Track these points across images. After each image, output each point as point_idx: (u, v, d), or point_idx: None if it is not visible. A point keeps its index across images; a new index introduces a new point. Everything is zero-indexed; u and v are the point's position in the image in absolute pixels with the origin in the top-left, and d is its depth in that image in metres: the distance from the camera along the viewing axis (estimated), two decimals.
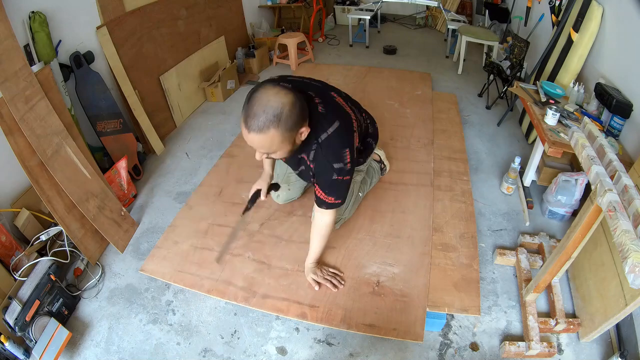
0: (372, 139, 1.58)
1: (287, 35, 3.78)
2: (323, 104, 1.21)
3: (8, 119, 1.55)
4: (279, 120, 1.03)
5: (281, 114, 1.03)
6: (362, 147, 1.53)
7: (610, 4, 1.93)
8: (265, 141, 1.07)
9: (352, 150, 1.21)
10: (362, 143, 1.51)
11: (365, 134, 1.51)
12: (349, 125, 1.21)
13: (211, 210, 1.99)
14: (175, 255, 1.75)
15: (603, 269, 1.41)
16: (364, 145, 1.54)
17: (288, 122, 1.05)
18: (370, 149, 1.60)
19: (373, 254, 1.71)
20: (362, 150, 1.54)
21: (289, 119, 1.04)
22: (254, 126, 1.03)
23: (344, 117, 1.22)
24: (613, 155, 1.10)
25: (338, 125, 1.18)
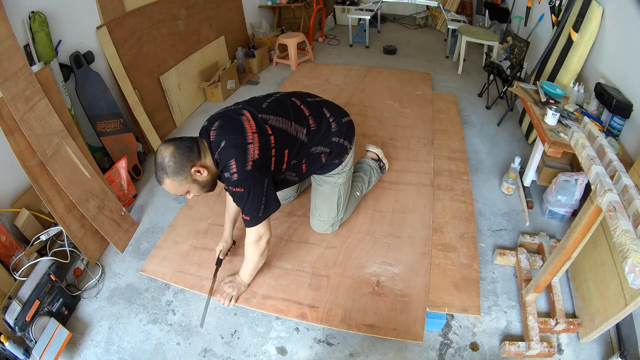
0: (338, 137, 1.55)
1: (287, 35, 3.78)
2: (216, 129, 1.32)
3: (8, 119, 1.55)
4: (165, 171, 1.23)
5: (165, 165, 1.23)
6: (328, 149, 1.54)
7: (610, 4, 1.93)
8: (169, 188, 1.27)
9: (239, 162, 1.25)
10: (326, 145, 1.52)
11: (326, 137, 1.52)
12: (237, 140, 1.28)
13: (211, 210, 1.99)
14: (176, 255, 1.75)
15: (603, 269, 1.41)
16: (330, 147, 1.54)
17: (172, 168, 1.23)
18: (340, 147, 1.56)
19: (373, 254, 1.71)
20: (329, 152, 1.55)
21: (171, 166, 1.23)
22: (158, 180, 1.27)
23: (233, 132, 1.30)
24: (613, 155, 1.10)
25: (224, 143, 1.28)
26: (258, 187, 1.30)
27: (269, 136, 1.34)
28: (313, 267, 1.66)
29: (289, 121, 1.41)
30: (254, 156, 1.28)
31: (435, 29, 5.04)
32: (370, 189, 2.03)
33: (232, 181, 1.27)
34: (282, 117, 1.40)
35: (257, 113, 1.37)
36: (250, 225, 1.36)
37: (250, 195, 1.29)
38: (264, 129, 1.33)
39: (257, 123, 1.33)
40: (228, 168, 1.27)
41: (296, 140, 1.43)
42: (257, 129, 1.31)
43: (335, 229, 1.81)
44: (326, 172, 1.63)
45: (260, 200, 1.31)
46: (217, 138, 1.30)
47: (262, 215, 1.35)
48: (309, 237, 1.80)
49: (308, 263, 1.68)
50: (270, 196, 1.35)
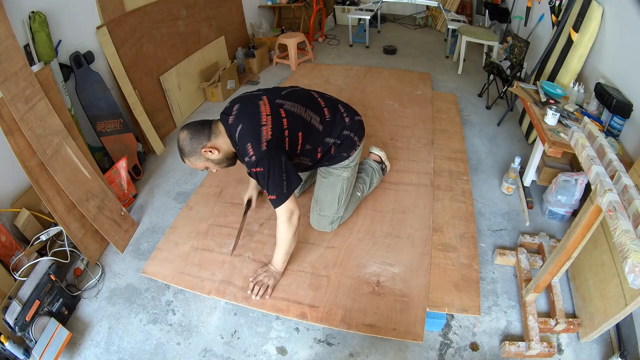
0: (349, 131, 1.62)
1: (287, 35, 3.78)
2: (235, 113, 1.44)
3: (8, 119, 1.55)
4: (182, 152, 1.43)
5: (180, 147, 1.42)
6: (339, 141, 1.61)
7: (610, 4, 1.93)
8: (190, 165, 1.46)
9: (255, 144, 1.36)
10: (336, 137, 1.60)
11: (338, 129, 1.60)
12: (252, 123, 1.39)
13: (211, 211, 1.99)
14: (176, 256, 1.75)
15: (603, 269, 1.41)
16: (341, 139, 1.61)
17: (186, 149, 1.41)
18: (350, 140, 1.63)
19: (373, 254, 1.71)
20: (339, 144, 1.61)
21: (185, 148, 1.41)
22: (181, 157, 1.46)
23: (249, 115, 1.41)
24: (613, 155, 1.10)
25: (241, 127, 1.40)
26: (276, 163, 1.37)
27: (282, 118, 1.43)
28: (313, 267, 1.66)
29: (304, 107, 1.51)
30: (267, 137, 1.36)
31: (435, 29, 5.04)
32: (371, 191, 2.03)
33: (251, 163, 1.37)
34: (297, 103, 1.50)
35: (274, 99, 1.48)
36: (278, 204, 1.42)
37: (270, 172, 1.36)
38: (277, 111, 1.43)
39: (272, 107, 1.44)
40: (246, 152, 1.37)
41: (310, 125, 1.52)
42: (271, 111, 1.41)
43: (335, 227, 1.81)
44: (333, 164, 1.68)
45: (281, 176, 1.38)
46: (234, 121, 1.42)
47: (287, 191, 1.40)
48: (309, 237, 1.80)
49: (308, 263, 1.68)
50: (290, 171, 1.41)
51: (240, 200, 2.03)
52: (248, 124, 1.39)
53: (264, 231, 1.85)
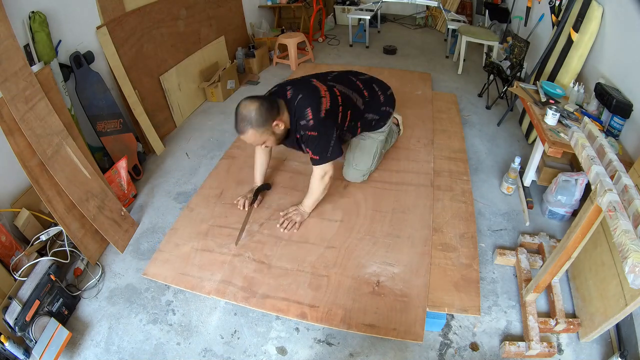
0: (386, 106, 1.92)
1: (287, 35, 3.78)
2: (292, 90, 1.58)
3: (8, 119, 1.55)
4: (251, 123, 1.46)
5: (251, 118, 1.45)
6: (378, 116, 1.88)
7: (610, 4, 1.93)
8: (249, 138, 1.51)
9: (315, 110, 1.51)
10: (376, 113, 1.87)
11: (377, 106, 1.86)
12: (312, 94, 1.54)
13: (212, 212, 1.99)
14: (177, 257, 1.75)
15: (603, 269, 1.41)
16: (380, 114, 1.88)
17: (258, 121, 1.46)
18: (387, 114, 1.93)
19: (373, 254, 1.71)
20: (378, 119, 1.90)
21: (258, 119, 1.46)
22: (239, 131, 1.50)
23: (308, 89, 1.56)
24: (613, 155, 1.10)
25: (301, 96, 1.54)
26: (329, 131, 1.56)
27: (337, 96, 1.60)
28: (313, 267, 1.66)
29: (351, 90, 1.72)
30: (327, 106, 1.53)
31: (435, 29, 5.04)
32: (371, 188, 2.06)
33: (308, 126, 1.52)
34: (344, 86, 1.70)
35: (325, 81, 1.65)
36: (318, 163, 1.61)
37: (322, 137, 1.54)
38: (333, 90, 1.61)
39: (327, 86, 1.61)
40: (304, 116, 1.51)
41: (356, 106, 1.74)
42: (327, 89, 1.59)
43: (365, 178, 2.07)
44: (373, 130, 1.97)
45: (329, 142, 1.57)
46: (294, 94, 1.56)
47: (330, 156, 1.60)
48: (309, 237, 1.80)
49: (308, 263, 1.68)
50: (337, 143, 1.60)
51: None
52: (308, 94, 1.54)
53: (264, 231, 1.85)
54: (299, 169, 2.24)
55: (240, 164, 2.33)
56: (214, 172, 2.30)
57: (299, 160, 2.31)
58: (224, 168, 2.31)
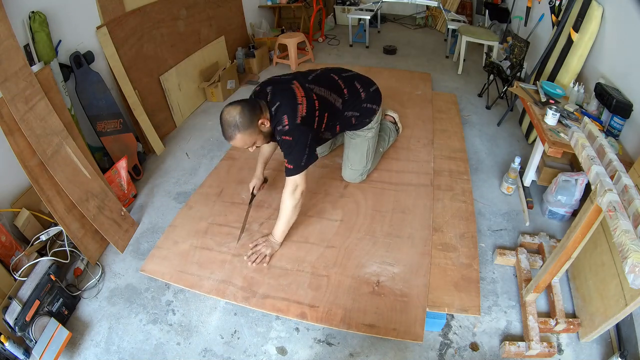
0: (367, 103, 1.88)
1: (287, 35, 3.78)
2: (271, 93, 1.59)
3: (8, 119, 1.55)
4: (237, 127, 1.46)
5: (237, 122, 1.46)
6: (358, 113, 1.86)
7: (610, 4, 1.93)
8: (239, 142, 1.51)
9: (290, 116, 1.53)
10: (356, 110, 1.85)
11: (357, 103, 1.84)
12: (290, 101, 1.56)
13: (211, 210, 1.99)
14: (176, 255, 1.75)
15: (603, 269, 1.41)
16: (360, 111, 1.86)
17: (244, 123, 1.47)
18: (369, 111, 1.90)
19: (373, 254, 1.71)
20: (358, 115, 1.87)
21: (243, 122, 1.46)
22: (227, 137, 1.50)
23: (286, 96, 1.57)
24: (613, 155, 1.10)
25: (278, 104, 1.56)
26: (303, 138, 1.56)
27: (314, 101, 1.61)
28: (313, 267, 1.66)
29: (329, 91, 1.72)
30: (302, 113, 1.55)
31: (435, 29, 5.04)
32: (371, 188, 2.06)
33: (283, 131, 1.54)
34: (324, 88, 1.70)
35: (304, 83, 1.65)
36: (291, 173, 1.58)
37: (296, 143, 1.54)
38: (310, 95, 1.61)
39: (305, 90, 1.61)
40: (281, 122, 1.54)
41: (334, 107, 1.73)
42: (305, 94, 1.59)
43: (364, 178, 2.08)
44: (358, 128, 1.95)
45: (304, 150, 1.56)
46: (273, 99, 1.58)
47: (304, 165, 1.58)
48: (309, 237, 1.80)
49: (308, 263, 1.68)
50: (312, 150, 1.60)
51: (241, 200, 2.03)
52: (286, 101, 1.56)
53: (264, 231, 1.85)
54: None
55: (240, 165, 2.33)
56: (214, 171, 2.30)
57: None
58: (224, 168, 2.31)
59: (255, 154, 2.00)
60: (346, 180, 2.10)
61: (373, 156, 2.09)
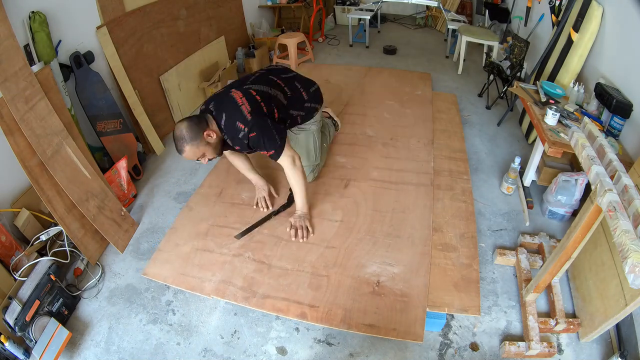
0: (311, 102, 1.95)
1: (287, 35, 3.77)
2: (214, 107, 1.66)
3: (8, 119, 1.55)
4: (185, 139, 1.54)
5: (184, 135, 1.54)
6: (303, 113, 1.92)
7: (610, 4, 1.93)
8: (188, 153, 1.57)
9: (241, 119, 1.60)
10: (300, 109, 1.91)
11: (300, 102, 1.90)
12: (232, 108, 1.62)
13: (211, 211, 1.99)
14: (177, 257, 1.75)
15: (603, 269, 1.41)
16: (304, 110, 1.93)
17: (190, 136, 1.54)
18: (312, 110, 1.97)
19: (373, 254, 1.71)
20: (304, 115, 1.93)
21: (189, 134, 1.54)
22: (178, 151, 1.58)
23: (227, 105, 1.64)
24: (613, 155, 1.10)
25: (225, 116, 1.63)
26: (263, 124, 1.62)
27: (254, 96, 1.66)
28: (313, 267, 1.66)
29: (269, 87, 1.77)
30: (248, 109, 1.61)
31: (435, 29, 5.04)
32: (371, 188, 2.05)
33: (245, 134, 1.61)
34: (262, 85, 1.76)
35: (242, 86, 1.72)
36: (277, 156, 1.67)
37: (262, 132, 1.61)
38: (249, 92, 1.67)
39: (243, 92, 1.67)
40: (237, 130, 1.61)
41: (278, 99, 1.77)
42: (243, 94, 1.65)
43: (316, 175, 2.09)
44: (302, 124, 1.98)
45: (271, 132, 1.63)
46: (217, 113, 1.64)
47: (281, 142, 1.65)
48: (309, 237, 1.80)
49: (308, 263, 1.68)
50: (277, 126, 1.66)
51: (241, 200, 2.03)
52: (229, 110, 1.62)
53: (264, 231, 1.85)
54: None
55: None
56: (214, 171, 2.30)
57: None
58: (223, 168, 2.31)
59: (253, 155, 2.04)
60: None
61: (320, 150, 2.09)
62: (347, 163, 2.28)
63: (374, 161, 2.29)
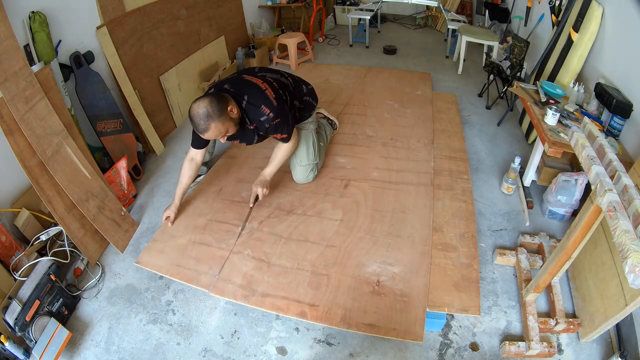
0: (309, 97, 2.05)
1: (287, 35, 3.78)
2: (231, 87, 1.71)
3: (8, 119, 1.55)
4: (210, 116, 1.53)
5: (209, 112, 1.53)
6: (302, 106, 2.00)
7: (610, 4, 1.93)
8: (214, 131, 1.57)
9: (268, 104, 1.67)
10: (300, 102, 1.99)
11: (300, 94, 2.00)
12: (255, 92, 1.69)
13: (210, 207, 1.99)
14: (173, 249, 1.75)
15: (603, 269, 1.41)
16: (304, 104, 2.01)
17: (216, 112, 1.54)
18: (310, 106, 2.05)
19: (373, 253, 1.71)
20: (302, 108, 2.01)
21: (215, 111, 1.54)
22: (202, 130, 1.57)
23: (248, 88, 1.70)
24: (613, 155, 1.10)
25: (247, 97, 1.68)
26: (286, 113, 1.77)
27: (273, 82, 1.77)
28: (313, 265, 1.66)
29: (280, 75, 1.91)
30: (273, 95, 1.70)
31: (435, 29, 5.04)
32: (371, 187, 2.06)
33: (269, 119, 1.68)
34: (274, 74, 1.89)
35: (255, 74, 1.81)
36: (288, 139, 1.84)
37: (284, 119, 1.74)
38: (267, 79, 1.77)
39: (261, 78, 1.76)
40: (261, 113, 1.67)
41: (288, 87, 1.89)
42: (262, 80, 1.74)
43: (315, 174, 2.13)
44: (301, 121, 2.06)
45: (289, 119, 1.80)
46: (237, 93, 1.68)
47: (292, 128, 1.84)
48: (309, 236, 1.80)
49: (308, 262, 1.68)
50: (291, 115, 1.83)
51: (240, 198, 2.03)
52: (252, 92, 1.68)
53: (264, 229, 1.85)
54: None
55: (240, 163, 2.33)
56: (214, 169, 2.30)
57: None
58: (223, 167, 2.31)
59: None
60: (299, 182, 2.11)
61: (318, 149, 2.14)
62: (347, 163, 2.28)
63: (374, 161, 2.29)
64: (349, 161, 2.30)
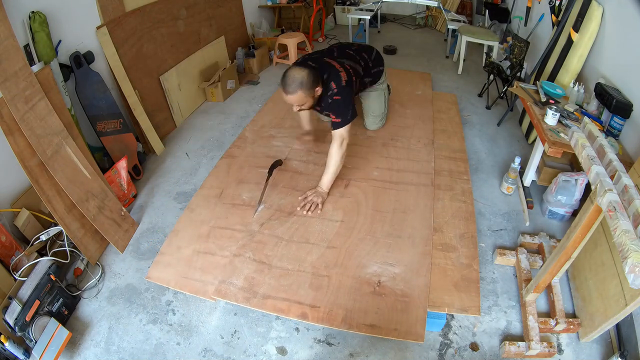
0: (378, 67, 2.32)
1: (287, 35, 3.78)
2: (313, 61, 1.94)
3: (8, 119, 1.55)
4: (302, 84, 1.74)
5: (303, 80, 1.74)
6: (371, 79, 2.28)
7: (610, 4, 1.93)
8: (295, 98, 1.78)
9: (337, 82, 1.89)
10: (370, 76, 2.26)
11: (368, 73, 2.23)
12: (333, 72, 1.92)
13: (212, 213, 1.98)
14: (179, 261, 1.73)
15: (603, 269, 1.41)
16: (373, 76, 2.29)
17: (308, 84, 1.76)
18: (379, 73, 2.34)
19: (374, 254, 1.71)
20: (372, 80, 2.31)
21: (308, 82, 1.75)
22: (289, 91, 1.76)
23: (328, 69, 1.93)
24: (613, 155, 1.10)
25: (326, 75, 1.90)
26: (349, 96, 1.92)
27: (349, 70, 1.98)
28: (314, 267, 1.66)
29: (354, 62, 2.11)
30: (345, 78, 1.91)
31: (435, 29, 5.04)
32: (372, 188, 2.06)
33: (333, 93, 1.88)
34: (350, 61, 2.10)
35: (335, 59, 2.04)
36: (339, 126, 1.89)
37: (344, 101, 1.88)
38: (344, 66, 1.99)
39: (339, 63, 1.99)
40: (330, 88, 1.89)
41: (359, 73, 2.12)
42: (340, 66, 1.96)
43: (384, 122, 2.56)
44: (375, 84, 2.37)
45: (349, 106, 1.90)
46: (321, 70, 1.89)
47: (350, 118, 1.90)
48: (310, 237, 1.80)
49: (309, 263, 1.68)
50: (354, 107, 1.93)
51: (241, 201, 2.03)
52: (331, 72, 1.90)
53: (265, 231, 1.85)
54: (299, 169, 2.24)
55: (240, 163, 2.33)
56: (214, 171, 2.29)
57: (299, 160, 2.31)
58: (224, 167, 2.31)
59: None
60: (370, 129, 2.53)
61: (387, 102, 2.51)
62: (347, 163, 2.27)
63: (375, 161, 2.29)
64: (349, 161, 2.29)
